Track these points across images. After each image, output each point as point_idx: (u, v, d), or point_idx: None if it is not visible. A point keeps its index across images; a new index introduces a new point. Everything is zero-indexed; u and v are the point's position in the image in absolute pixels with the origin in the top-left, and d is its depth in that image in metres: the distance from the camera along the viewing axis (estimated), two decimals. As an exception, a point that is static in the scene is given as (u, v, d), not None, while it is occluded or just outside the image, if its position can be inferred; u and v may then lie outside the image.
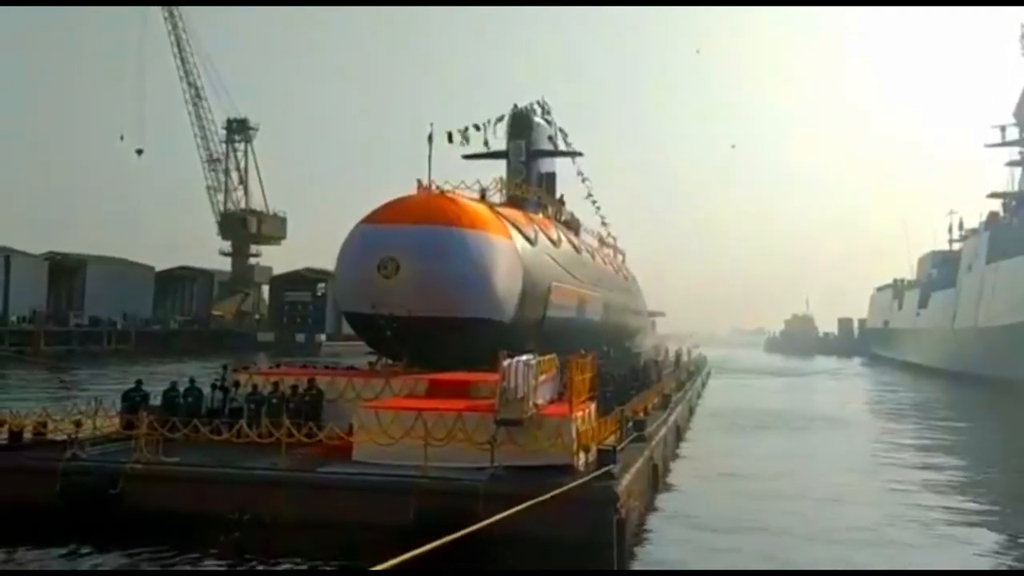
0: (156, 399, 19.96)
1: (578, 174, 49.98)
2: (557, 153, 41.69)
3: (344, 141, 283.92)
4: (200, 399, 19.97)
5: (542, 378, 17.73)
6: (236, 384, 20.50)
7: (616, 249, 58.40)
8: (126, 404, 19.24)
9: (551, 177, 40.17)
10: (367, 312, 22.99)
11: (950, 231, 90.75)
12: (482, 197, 28.92)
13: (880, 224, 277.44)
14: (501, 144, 36.17)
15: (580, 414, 17.01)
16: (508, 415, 15.81)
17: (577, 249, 38.24)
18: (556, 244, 32.83)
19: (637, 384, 28.76)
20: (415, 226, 23.48)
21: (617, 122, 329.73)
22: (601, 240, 52.59)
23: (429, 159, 26.88)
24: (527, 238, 28.33)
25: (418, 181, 26.29)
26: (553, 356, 19.42)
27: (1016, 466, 26.85)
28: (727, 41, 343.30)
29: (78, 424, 17.42)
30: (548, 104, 41.17)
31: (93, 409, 18.45)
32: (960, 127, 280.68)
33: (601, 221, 54.79)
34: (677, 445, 27.29)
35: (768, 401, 48.17)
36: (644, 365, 35.66)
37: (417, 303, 22.32)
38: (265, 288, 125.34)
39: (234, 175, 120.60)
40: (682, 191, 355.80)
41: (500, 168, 35.50)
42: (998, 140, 74.43)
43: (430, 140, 27.60)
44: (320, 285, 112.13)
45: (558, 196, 41.00)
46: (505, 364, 16.33)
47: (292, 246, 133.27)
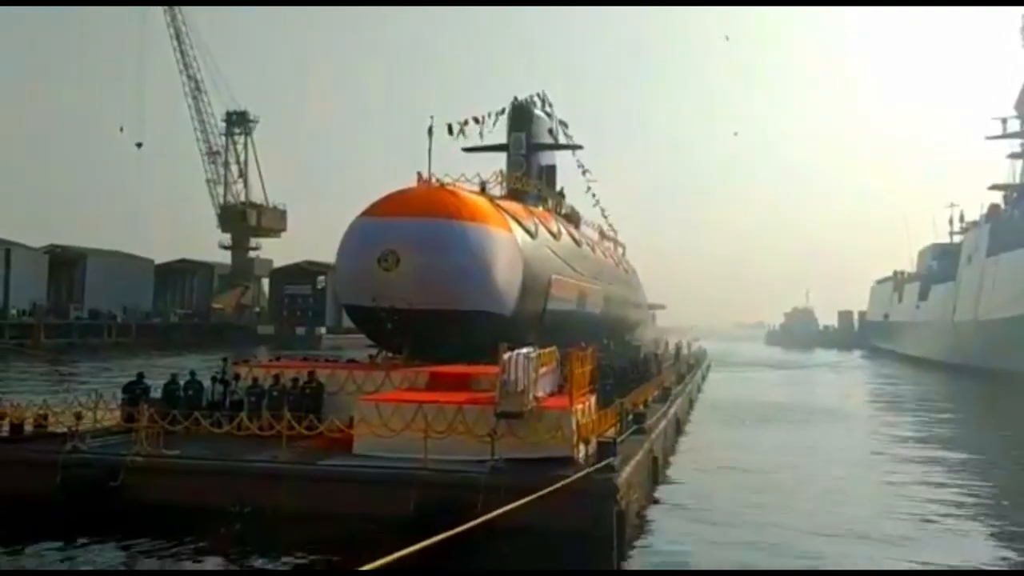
0: (157, 392, 19.96)
1: (578, 167, 49.97)
2: (557, 146, 41.64)
3: (344, 134, 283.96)
4: (201, 392, 19.97)
5: (542, 371, 17.73)
6: (236, 377, 20.51)
7: (616, 242, 58.38)
8: (127, 397, 19.25)
9: (551, 170, 40.15)
10: (367, 305, 23.00)
11: (951, 223, 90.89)
12: (482, 190, 28.88)
13: (881, 217, 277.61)
14: (501, 137, 36.13)
15: (580, 407, 17.03)
16: (508, 408, 15.82)
17: (577, 242, 38.22)
18: (556, 237, 32.82)
19: (637, 377, 28.77)
20: (415, 219, 23.46)
21: (618, 116, 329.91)
22: (601, 233, 52.55)
23: (429, 152, 26.89)
24: (527, 231, 28.32)
25: (418, 174, 26.29)
26: (553, 349, 19.42)
27: (1016, 459, 26.85)
28: (729, 35, 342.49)
29: (79, 417, 17.42)
30: (548, 96, 41.15)
31: (94, 402, 18.44)
32: (961, 119, 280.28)
33: (601, 213, 54.79)
34: (677, 438, 27.31)
35: (768, 394, 48.18)
36: (644, 358, 35.68)
37: (417, 296, 22.31)
38: (265, 281, 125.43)
39: (234, 168, 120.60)
40: (683, 185, 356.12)
41: (500, 161, 35.46)
42: (999, 132, 74.41)
43: (430, 133, 27.59)
44: (320, 278, 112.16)
45: (558, 189, 40.98)
46: (505, 357, 16.33)
47: (292, 239, 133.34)
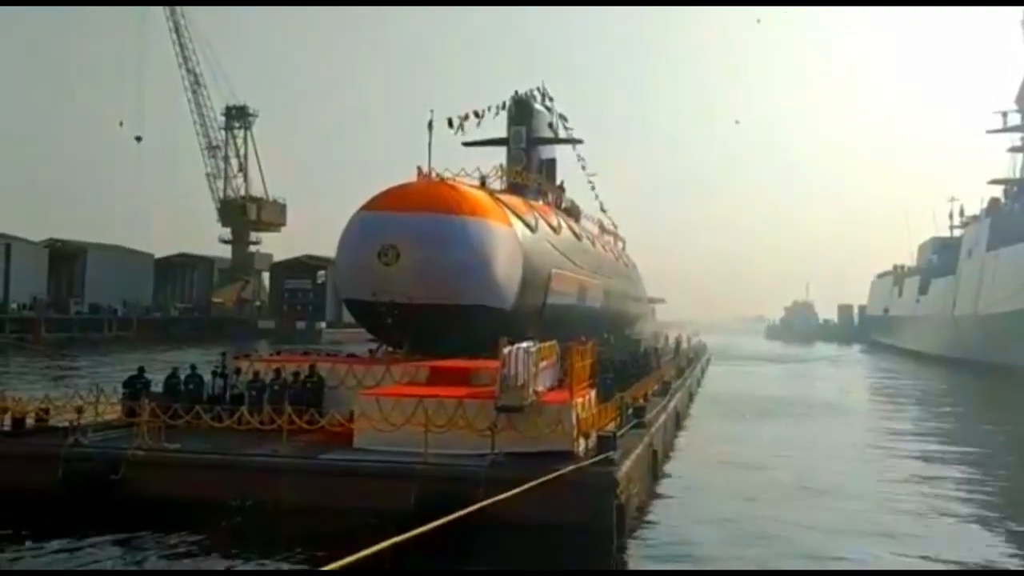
0: (157, 386, 20.01)
1: (578, 160, 49.96)
2: (557, 140, 41.61)
3: (344, 128, 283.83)
4: (201, 386, 20.02)
5: (542, 365, 17.77)
6: (237, 371, 20.55)
7: (616, 236, 58.41)
8: (128, 391, 19.29)
9: (551, 164, 40.12)
10: (367, 299, 23.01)
11: (951, 218, 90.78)
12: (482, 184, 28.88)
13: (881, 211, 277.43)
14: (501, 131, 36.10)
15: (580, 400, 17.07)
16: (509, 402, 15.86)
17: (577, 236, 38.23)
18: (556, 231, 32.82)
19: (637, 371, 28.81)
20: (415, 213, 23.46)
21: (618, 112, 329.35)
22: (601, 227, 52.57)
23: (429, 146, 26.89)
24: (527, 225, 28.32)
25: (418, 168, 26.27)
26: (553, 343, 19.45)
27: (1017, 454, 26.87)
28: (729, 31, 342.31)
29: (80, 411, 17.48)
30: (548, 90, 41.13)
31: (95, 396, 18.49)
32: (961, 116, 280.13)
33: (600, 207, 54.80)
34: (677, 431, 27.35)
35: (768, 388, 48.21)
36: (644, 352, 35.71)
37: (417, 290, 22.33)
38: (265, 275, 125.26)
39: (233, 162, 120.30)
40: (682, 180, 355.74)
41: (500, 155, 35.46)
42: (999, 126, 74.36)
43: (430, 127, 27.58)
44: (320, 272, 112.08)
45: (558, 183, 40.97)
46: (505, 351, 16.37)
47: (292, 233, 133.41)
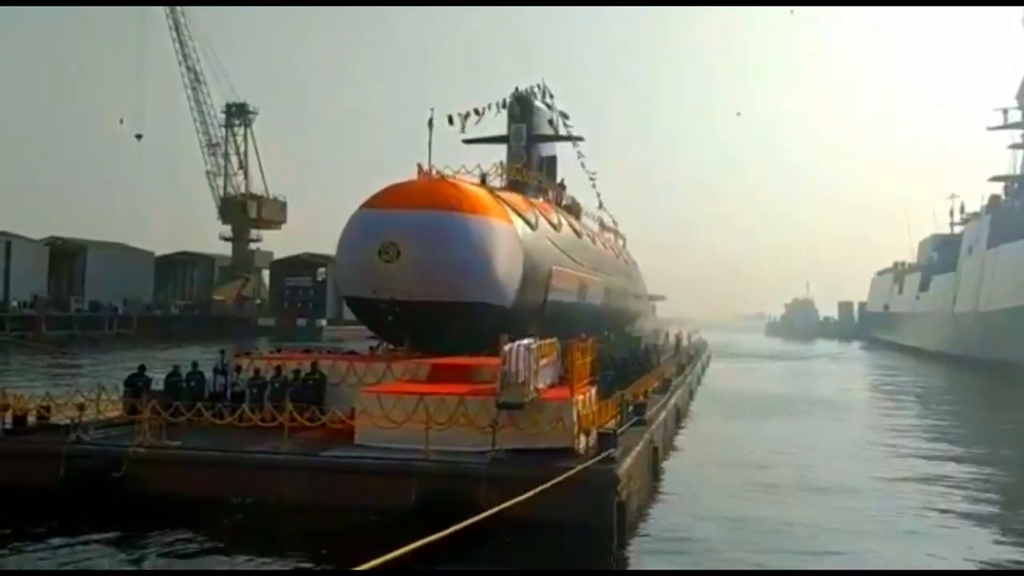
0: (158, 384, 20.02)
1: (578, 158, 49.93)
2: (558, 138, 41.63)
3: (344, 126, 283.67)
4: (202, 383, 20.03)
5: (543, 362, 17.77)
6: (238, 369, 20.57)
7: (617, 233, 58.40)
8: (130, 389, 19.30)
9: (552, 161, 40.13)
10: (368, 297, 23.04)
11: (951, 215, 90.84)
12: (483, 182, 28.88)
13: (881, 209, 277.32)
14: (501, 128, 36.11)
15: (581, 398, 17.09)
16: (509, 399, 15.88)
17: (578, 233, 38.24)
18: (557, 228, 32.83)
19: (637, 368, 28.83)
20: (416, 211, 23.48)
21: (618, 108, 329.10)
22: (602, 224, 52.57)
23: (429, 144, 26.92)
24: (528, 223, 28.33)
25: (418, 166, 26.28)
26: (554, 340, 19.45)
27: (1017, 451, 26.86)
28: (729, 31, 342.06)
29: (81, 408, 17.50)
30: (549, 87, 41.14)
31: (96, 394, 18.51)
32: (962, 114, 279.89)
33: (599, 204, 54.75)
34: (677, 429, 27.37)
35: (768, 385, 48.25)
36: (644, 349, 35.73)
37: (418, 288, 22.35)
38: (266, 273, 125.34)
39: (234, 159, 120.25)
40: (683, 178, 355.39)
41: (501, 152, 35.45)
42: (1000, 123, 74.35)
43: (430, 125, 27.62)
44: (321, 270, 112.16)
45: (559, 180, 40.97)
46: (506, 348, 16.38)
47: (292, 231, 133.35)
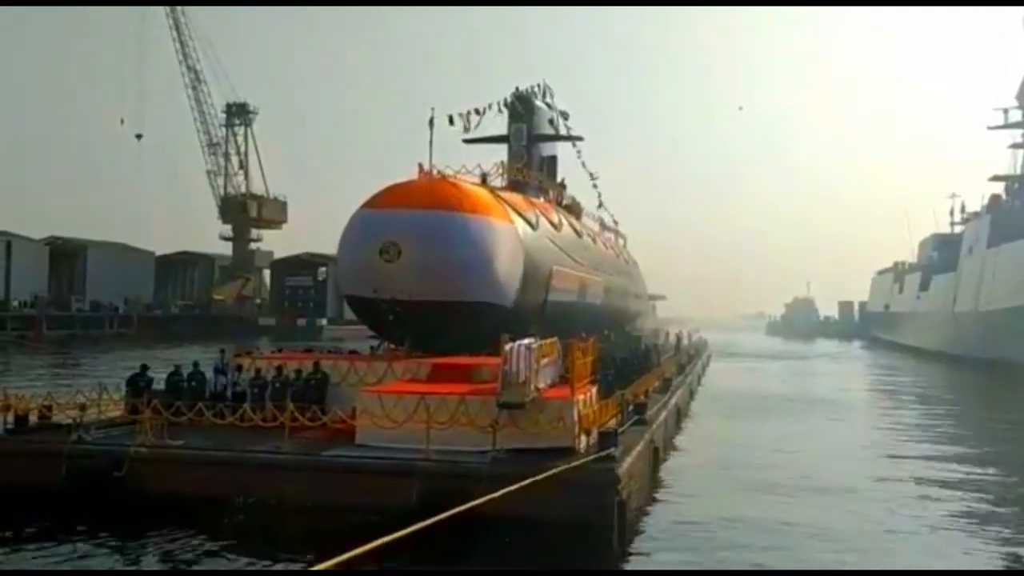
0: (159, 384, 20.03)
1: (578, 157, 49.89)
2: (558, 137, 41.59)
3: (345, 125, 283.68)
4: (203, 383, 20.03)
5: (544, 362, 17.78)
6: (239, 368, 20.58)
7: (617, 233, 58.36)
8: (131, 389, 19.30)
9: (552, 161, 40.11)
10: (369, 296, 23.04)
11: (951, 214, 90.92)
12: (483, 181, 28.88)
13: (882, 208, 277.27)
14: (502, 128, 36.10)
15: (581, 397, 17.11)
16: (510, 398, 15.89)
17: (578, 233, 38.23)
18: (557, 228, 32.83)
19: (638, 368, 28.85)
20: (417, 211, 23.49)
21: (619, 108, 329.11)
22: (602, 224, 52.53)
23: (430, 143, 26.87)
24: (528, 222, 28.33)
25: (419, 165, 26.27)
26: (555, 340, 19.46)
27: (1017, 451, 26.87)
28: (729, 31, 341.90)
29: (83, 408, 17.51)
30: (549, 87, 41.09)
31: (97, 393, 18.52)
32: (962, 111, 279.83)
33: (599, 203, 54.67)
34: (678, 428, 27.39)
35: (768, 384, 48.28)
36: (645, 349, 35.75)
37: (419, 287, 22.36)
38: (266, 272, 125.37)
39: (234, 159, 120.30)
40: (684, 177, 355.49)
41: (501, 152, 35.43)
42: (1000, 123, 74.36)
43: (431, 124, 27.56)
44: (321, 269, 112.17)
45: (559, 180, 40.95)
46: (507, 348, 16.39)
47: (292, 230, 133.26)
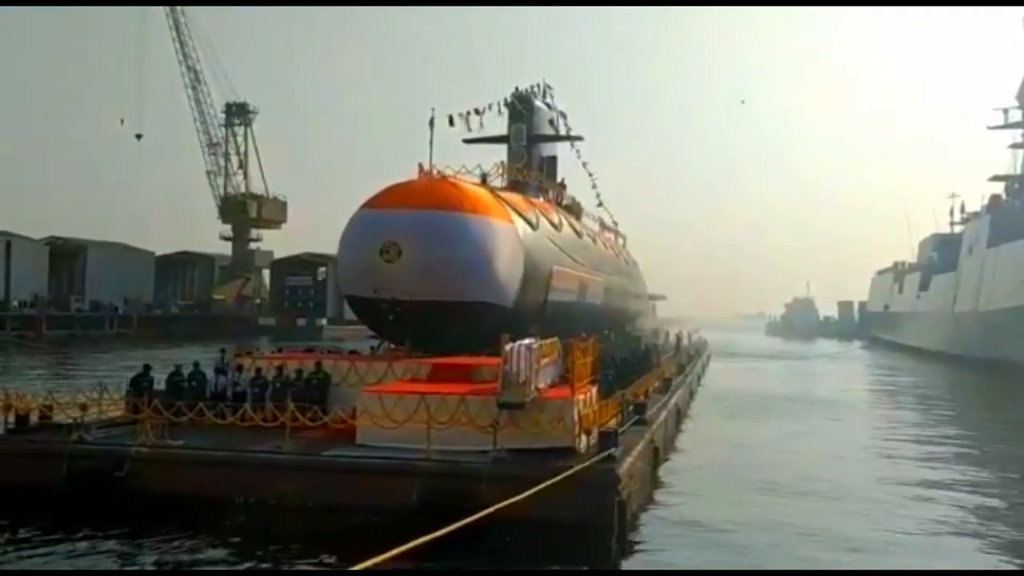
0: (160, 384, 20.04)
1: (578, 157, 49.88)
2: (558, 138, 41.60)
3: (345, 125, 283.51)
4: (204, 383, 20.04)
5: (544, 362, 17.81)
6: (239, 368, 20.59)
7: (617, 233, 58.36)
8: (135, 389, 19.28)
9: (552, 161, 40.12)
10: (369, 296, 23.06)
11: (951, 214, 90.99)
12: (483, 181, 28.89)
13: (882, 208, 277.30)
14: (502, 128, 36.11)
15: (582, 397, 17.13)
16: (510, 398, 15.91)
17: (578, 233, 38.24)
18: (557, 228, 32.84)
19: (638, 368, 28.86)
20: (417, 211, 23.50)
21: (619, 108, 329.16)
22: (602, 224, 52.52)
23: (430, 143, 26.89)
24: (528, 222, 28.34)
25: (419, 165, 26.27)
26: (555, 340, 19.48)
27: (1017, 451, 26.88)
28: (729, 31, 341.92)
29: (84, 408, 17.53)
30: (550, 87, 41.10)
31: (98, 393, 18.54)
32: (962, 111, 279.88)
33: (598, 203, 54.67)
34: (678, 428, 27.39)
35: (768, 384, 48.28)
36: (644, 348, 35.76)
37: (419, 287, 22.38)
38: (266, 272, 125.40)
39: (234, 159, 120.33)
40: (684, 177, 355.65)
41: (501, 152, 35.44)
42: (1000, 123, 74.41)
43: (431, 124, 27.59)
44: (321, 269, 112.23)
45: (559, 180, 40.96)
46: (507, 348, 16.42)
47: (292, 230, 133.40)
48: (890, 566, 14.43)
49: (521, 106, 36.09)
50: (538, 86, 39.61)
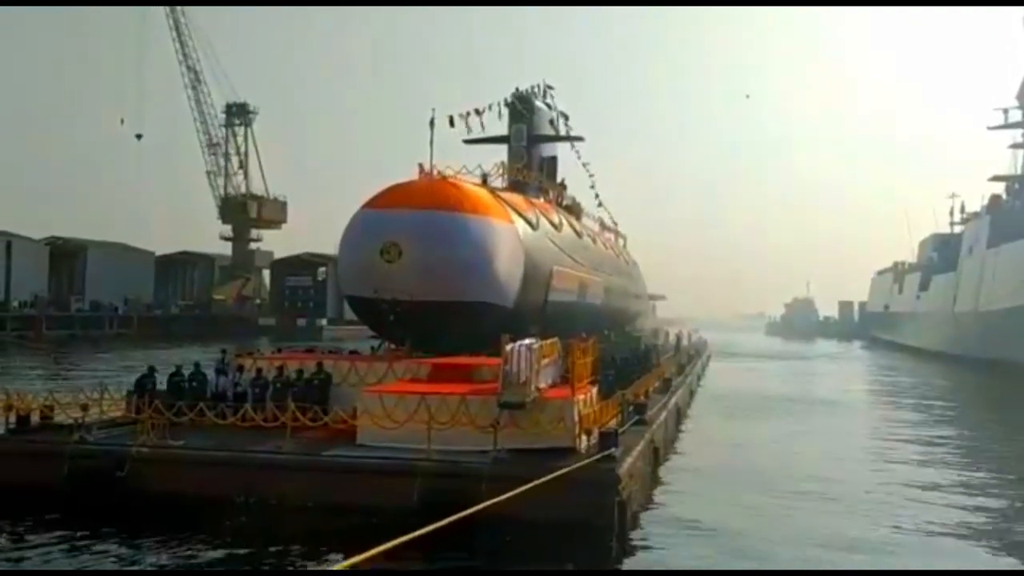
0: (161, 385, 20.05)
1: (578, 158, 49.86)
2: (558, 138, 41.59)
3: (345, 125, 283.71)
4: (205, 383, 20.04)
5: (544, 362, 17.82)
6: (240, 368, 20.60)
7: (617, 233, 58.35)
8: (139, 391, 19.24)
9: (552, 161, 40.11)
10: (369, 296, 23.06)
11: (951, 214, 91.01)
12: (484, 182, 28.88)
13: (882, 208, 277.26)
14: (502, 128, 36.11)
15: (582, 397, 17.15)
16: (511, 398, 15.92)
17: (578, 233, 38.25)
18: (557, 228, 32.85)
19: (638, 368, 28.86)
20: (417, 211, 23.51)
21: (619, 108, 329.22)
22: (602, 224, 52.50)
23: (431, 144, 26.87)
24: (529, 222, 28.35)
25: (419, 166, 26.26)
26: (555, 340, 19.50)
27: (1017, 451, 26.89)
28: (729, 31, 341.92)
29: (85, 408, 17.55)
30: (550, 87, 41.08)
31: (99, 393, 18.55)
32: (962, 112, 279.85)
33: (598, 203, 54.64)
34: (678, 428, 27.41)
35: (768, 385, 48.30)
36: (645, 349, 35.76)
37: (419, 288, 22.39)
38: (266, 272, 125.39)
39: (234, 159, 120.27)
40: (684, 178, 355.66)
41: (501, 152, 35.43)
42: (1000, 123, 74.42)
43: (431, 125, 27.55)
44: (321, 269, 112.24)
45: (560, 180, 40.96)
46: (508, 348, 16.43)
47: (292, 230, 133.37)
48: (890, 566, 14.44)
49: (521, 106, 36.08)
50: (538, 86, 39.61)
